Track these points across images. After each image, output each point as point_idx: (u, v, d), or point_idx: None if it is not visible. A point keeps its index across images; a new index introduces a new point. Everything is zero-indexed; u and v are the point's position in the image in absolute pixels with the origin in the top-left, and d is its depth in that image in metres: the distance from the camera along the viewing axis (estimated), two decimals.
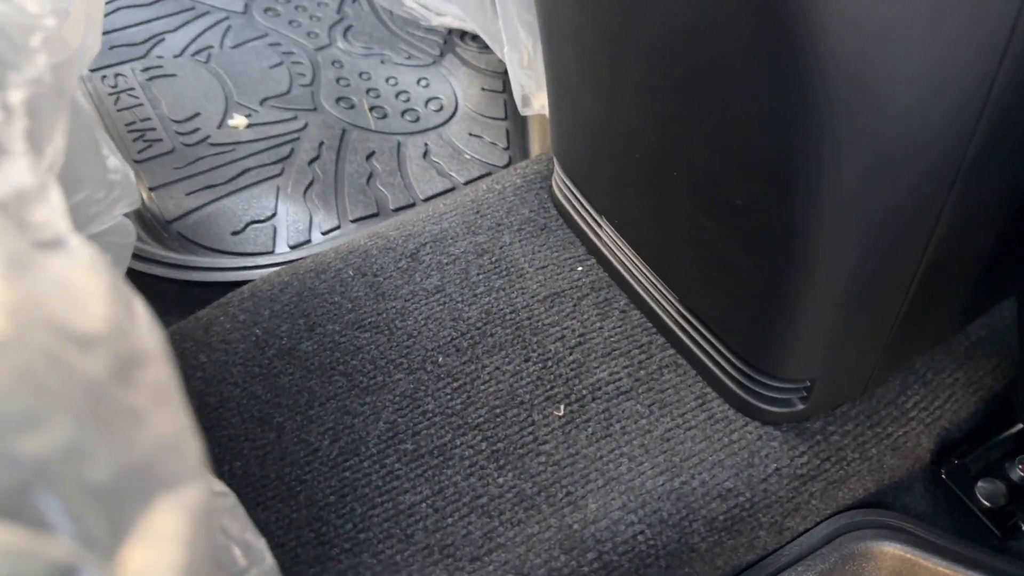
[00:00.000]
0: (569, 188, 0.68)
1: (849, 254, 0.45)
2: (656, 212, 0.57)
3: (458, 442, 0.56)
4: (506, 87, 0.97)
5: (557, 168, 0.70)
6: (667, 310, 0.61)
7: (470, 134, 0.93)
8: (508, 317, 0.63)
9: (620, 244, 0.64)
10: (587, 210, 0.67)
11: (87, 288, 0.19)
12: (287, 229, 0.81)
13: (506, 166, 0.90)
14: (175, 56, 0.99)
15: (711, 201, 0.48)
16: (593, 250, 0.68)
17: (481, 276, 0.66)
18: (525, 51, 0.70)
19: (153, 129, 0.90)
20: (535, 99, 0.78)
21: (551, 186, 0.73)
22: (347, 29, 1.04)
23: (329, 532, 0.51)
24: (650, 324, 0.63)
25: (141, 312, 0.21)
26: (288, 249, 0.80)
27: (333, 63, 1.00)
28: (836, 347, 0.52)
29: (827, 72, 0.35)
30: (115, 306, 0.19)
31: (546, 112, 0.79)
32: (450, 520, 0.52)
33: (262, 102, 0.94)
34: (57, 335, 0.17)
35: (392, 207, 0.85)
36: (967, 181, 0.43)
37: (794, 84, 0.36)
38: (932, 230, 0.46)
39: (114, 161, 0.37)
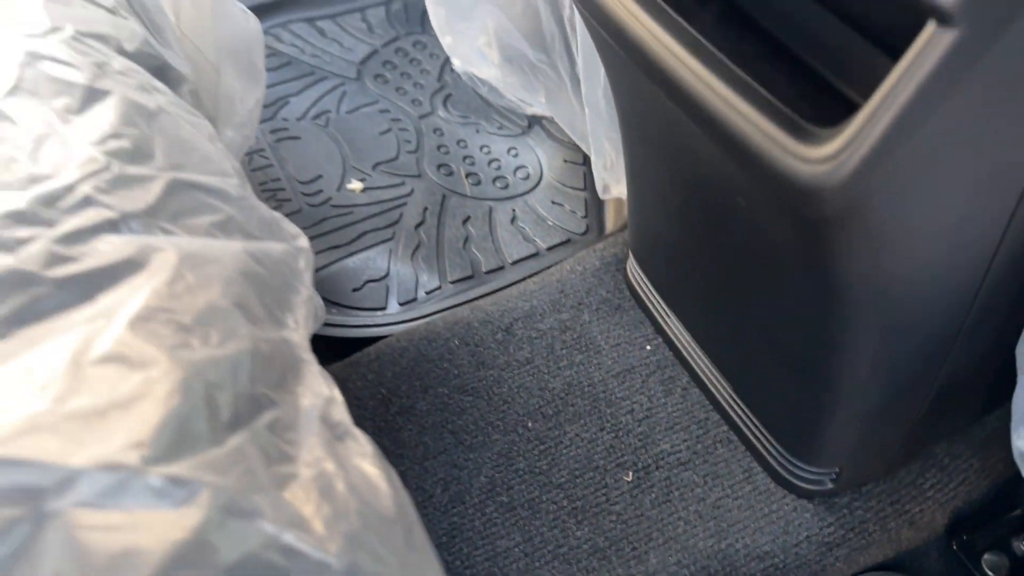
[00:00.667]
0: (642, 277, 0.80)
1: (873, 383, 0.56)
2: (713, 319, 0.69)
3: (544, 498, 0.69)
4: (586, 160, 1.09)
5: (632, 259, 0.82)
6: (722, 393, 0.73)
7: (552, 202, 1.05)
8: (586, 389, 0.76)
9: (683, 331, 0.76)
10: (656, 299, 0.79)
11: (377, 474, 0.33)
12: (397, 288, 0.95)
13: (584, 233, 1.02)
14: (298, 119, 1.14)
15: (757, 329, 0.60)
16: (660, 331, 0.80)
17: (564, 351, 0.79)
18: (608, 158, 0.82)
19: (283, 189, 1.05)
20: (613, 189, 0.90)
21: (626, 269, 0.85)
22: (447, 98, 1.17)
23: (442, 568, 0.65)
24: (707, 402, 0.75)
25: (399, 485, 0.34)
26: (398, 307, 0.94)
27: (435, 131, 1.13)
28: (862, 445, 0.63)
29: (850, 260, 0.46)
30: (394, 485, 0.33)
31: (621, 196, 0.91)
32: (537, 564, 0.65)
33: (374, 167, 1.08)
34: (380, 524, 0.30)
35: (484, 270, 0.98)
36: (972, 331, 0.53)
37: (822, 269, 0.47)
38: (944, 360, 0.57)
39: (308, 290, 0.51)
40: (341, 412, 0.35)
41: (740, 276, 0.58)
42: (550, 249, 1.00)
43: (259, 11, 1.28)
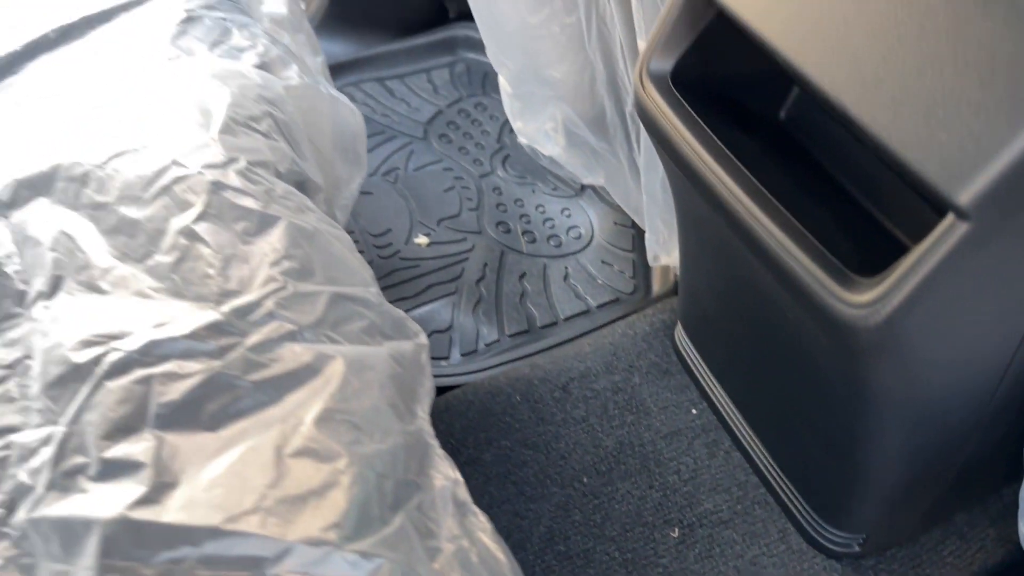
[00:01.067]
0: (689, 345, 0.88)
1: (899, 465, 0.63)
2: (753, 393, 0.76)
3: (598, 549, 0.77)
4: (634, 223, 1.17)
5: (680, 328, 0.90)
6: (761, 458, 0.80)
7: (602, 261, 1.14)
8: (637, 449, 0.84)
9: (726, 399, 0.84)
10: (702, 366, 0.87)
11: (496, 547, 0.41)
12: (460, 340, 1.04)
13: (632, 293, 1.10)
14: (370, 175, 1.24)
15: (794, 410, 0.67)
16: (705, 396, 0.88)
17: (616, 411, 0.87)
18: (661, 235, 0.90)
19: (357, 242, 1.15)
20: (663, 258, 0.98)
21: (674, 336, 0.93)
22: (505, 158, 1.27)
23: None
24: (747, 465, 0.83)
25: (512, 556, 0.42)
26: (460, 357, 1.03)
27: (494, 189, 1.22)
28: (887, 515, 0.71)
29: (880, 376, 0.54)
30: (510, 557, 0.41)
31: (670, 264, 1.00)
32: None
33: (439, 222, 1.17)
34: None
35: (540, 324, 1.06)
36: (989, 426, 0.61)
37: (855, 380, 0.55)
38: (964, 449, 0.64)
39: (429, 381, 0.59)
40: (464, 492, 0.44)
41: (780, 366, 0.66)
42: (600, 307, 1.08)
43: (334, 70, 1.39)
